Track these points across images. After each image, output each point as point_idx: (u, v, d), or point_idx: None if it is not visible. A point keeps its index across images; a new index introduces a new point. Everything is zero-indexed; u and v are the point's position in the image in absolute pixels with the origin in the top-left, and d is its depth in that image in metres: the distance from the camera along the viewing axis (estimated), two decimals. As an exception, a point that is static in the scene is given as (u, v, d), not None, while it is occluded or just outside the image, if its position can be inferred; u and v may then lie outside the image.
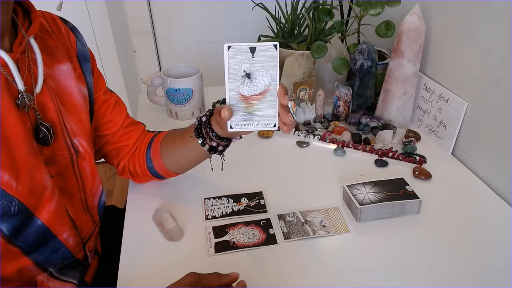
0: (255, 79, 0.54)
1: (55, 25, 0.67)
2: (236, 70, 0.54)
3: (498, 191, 0.84)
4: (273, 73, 0.54)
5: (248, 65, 0.54)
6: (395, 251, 0.70)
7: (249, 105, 0.56)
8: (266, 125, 0.57)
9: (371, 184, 0.79)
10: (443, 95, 0.97)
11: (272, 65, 0.54)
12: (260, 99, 0.55)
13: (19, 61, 0.55)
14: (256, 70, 0.54)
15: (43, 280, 0.63)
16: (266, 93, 0.55)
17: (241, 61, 0.53)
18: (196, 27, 1.91)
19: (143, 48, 1.93)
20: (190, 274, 0.56)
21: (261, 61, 0.53)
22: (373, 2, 1.00)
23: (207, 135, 0.66)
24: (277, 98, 0.56)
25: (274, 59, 0.53)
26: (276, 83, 0.55)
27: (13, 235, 0.55)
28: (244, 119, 0.56)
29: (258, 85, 0.55)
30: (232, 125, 0.57)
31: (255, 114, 0.56)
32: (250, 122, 0.57)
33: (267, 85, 0.55)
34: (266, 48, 0.53)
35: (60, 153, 0.62)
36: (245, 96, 0.55)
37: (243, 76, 0.54)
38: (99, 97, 0.74)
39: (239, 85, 0.55)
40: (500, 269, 0.66)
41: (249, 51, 0.53)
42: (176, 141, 0.74)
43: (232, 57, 0.53)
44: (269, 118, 0.56)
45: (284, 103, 0.56)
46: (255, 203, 0.80)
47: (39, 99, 0.58)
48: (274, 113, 0.56)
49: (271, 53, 0.53)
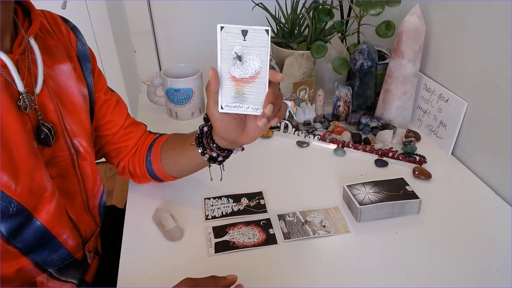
0: (245, 62, 0.54)
1: (56, 24, 0.67)
2: (228, 51, 0.54)
3: (498, 191, 0.84)
4: (263, 58, 0.54)
5: (240, 47, 0.53)
6: (395, 251, 0.70)
7: (240, 87, 0.55)
8: (256, 110, 0.56)
9: (371, 184, 0.79)
10: (443, 95, 0.97)
11: (262, 49, 0.53)
12: (251, 82, 0.55)
13: (18, 62, 0.55)
14: (247, 53, 0.54)
15: (43, 280, 0.63)
16: (256, 78, 0.55)
17: (233, 42, 0.53)
18: (196, 27, 1.91)
19: (143, 48, 1.93)
20: (185, 280, 0.56)
21: (252, 45, 0.53)
22: (373, 2, 1.00)
23: (207, 145, 0.65)
24: (268, 81, 0.55)
25: (265, 44, 0.53)
26: (266, 69, 0.54)
27: (11, 235, 0.55)
28: (235, 100, 0.56)
29: (248, 69, 0.54)
30: (223, 106, 0.56)
31: (246, 98, 0.56)
32: (240, 105, 0.56)
33: (257, 70, 0.54)
34: (258, 32, 0.53)
35: (60, 154, 0.62)
36: (236, 78, 0.55)
37: (234, 58, 0.54)
38: (100, 97, 0.74)
39: (231, 66, 0.54)
40: (500, 269, 0.66)
41: (241, 33, 0.53)
42: (177, 147, 0.74)
43: (224, 38, 0.53)
44: (259, 103, 0.56)
45: (277, 78, 0.54)
46: (255, 203, 0.80)
47: (39, 99, 0.58)
48: (263, 98, 0.56)
49: (262, 37, 0.53)
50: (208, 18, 1.89)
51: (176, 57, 1.97)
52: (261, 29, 0.52)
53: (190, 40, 1.94)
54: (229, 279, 0.58)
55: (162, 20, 1.88)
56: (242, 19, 1.85)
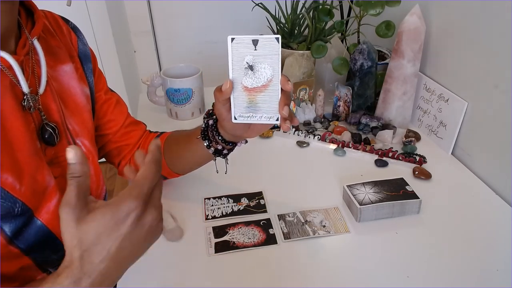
0: (257, 71, 0.55)
1: (57, 25, 0.67)
2: (239, 62, 0.55)
3: (498, 191, 0.84)
4: (275, 65, 0.55)
5: (251, 57, 0.54)
6: (395, 251, 0.70)
7: (252, 97, 0.56)
8: (269, 119, 0.57)
9: (371, 184, 0.79)
10: (443, 95, 0.97)
11: (274, 57, 0.54)
12: (263, 91, 0.56)
13: (23, 63, 0.55)
14: (258, 62, 0.54)
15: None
16: (269, 86, 0.56)
17: (244, 53, 0.54)
18: (196, 27, 1.91)
19: (143, 48, 1.93)
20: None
21: (263, 54, 0.54)
22: (373, 2, 1.00)
23: (213, 138, 0.66)
24: (280, 89, 0.56)
25: (276, 51, 0.54)
26: (278, 76, 0.55)
27: (14, 236, 0.55)
28: (248, 111, 0.57)
29: (260, 77, 0.55)
30: (236, 116, 0.57)
31: (258, 107, 0.57)
32: (253, 114, 0.57)
33: (269, 78, 0.55)
34: (268, 40, 0.53)
35: (63, 154, 0.62)
36: (248, 87, 0.56)
37: (246, 68, 0.55)
38: (100, 96, 0.74)
39: (242, 76, 0.55)
40: (500, 269, 0.66)
41: (251, 43, 0.53)
42: (181, 142, 0.74)
43: (235, 49, 0.54)
44: (272, 111, 0.57)
45: (287, 88, 0.55)
46: (255, 203, 0.80)
47: (42, 100, 0.58)
48: (276, 106, 0.56)
49: (273, 45, 0.54)
50: (208, 18, 1.89)
51: (176, 57, 1.97)
52: (272, 37, 0.53)
53: (190, 40, 1.94)
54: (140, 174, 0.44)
55: (162, 20, 1.88)
56: (242, 19, 1.86)
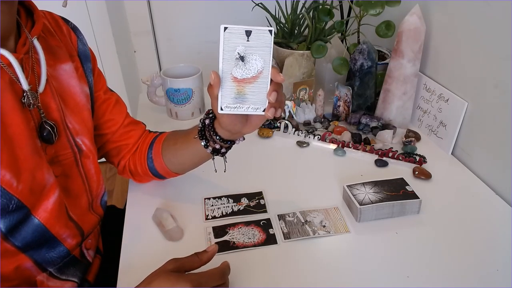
0: (248, 62, 0.54)
1: (57, 25, 0.68)
2: (231, 52, 0.54)
3: (498, 191, 0.84)
4: (266, 58, 0.54)
5: (243, 48, 0.54)
6: (395, 251, 0.70)
7: (241, 88, 0.56)
8: (256, 109, 0.57)
9: (371, 184, 0.79)
10: (443, 95, 0.97)
11: (266, 50, 0.54)
12: (252, 82, 0.55)
13: (23, 61, 0.56)
14: (250, 54, 0.54)
15: (43, 280, 0.63)
16: (258, 77, 0.55)
17: (236, 43, 0.53)
18: (196, 27, 1.91)
19: (143, 48, 1.93)
20: (171, 260, 0.57)
21: (255, 45, 0.54)
22: (373, 2, 1.00)
23: (210, 138, 0.66)
24: (270, 81, 0.55)
25: (268, 44, 0.54)
26: (269, 68, 0.55)
27: (9, 233, 0.55)
28: (235, 101, 0.56)
29: (251, 69, 0.55)
30: (222, 107, 0.57)
31: (246, 98, 0.56)
32: (240, 105, 0.57)
33: (259, 69, 0.55)
34: (261, 32, 0.53)
35: (63, 152, 0.63)
36: (238, 78, 0.55)
37: (237, 59, 0.54)
38: (99, 96, 0.74)
39: (233, 67, 0.55)
40: (500, 269, 0.66)
41: (244, 34, 0.53)
42: (179, 141, 0.75)
43: (227, 39, 0.53)
44: (260, 102, 0.56)
45: (279, 79, 0.55)
46: (255, 203, 0.80)
47: (42, 98, 0.59)
48: (264, 98, 0.56)
49: (266, 38, 0.53)
50: (208, 18, 1.89)
51: (176, 57, 1.97)
52: (265, 29, 0.53)
53: (190, 40, 1.94)
54: (210, 250, 0.59)
55: (162, 20, 1.88)
56: (242, 19, 1.86)
